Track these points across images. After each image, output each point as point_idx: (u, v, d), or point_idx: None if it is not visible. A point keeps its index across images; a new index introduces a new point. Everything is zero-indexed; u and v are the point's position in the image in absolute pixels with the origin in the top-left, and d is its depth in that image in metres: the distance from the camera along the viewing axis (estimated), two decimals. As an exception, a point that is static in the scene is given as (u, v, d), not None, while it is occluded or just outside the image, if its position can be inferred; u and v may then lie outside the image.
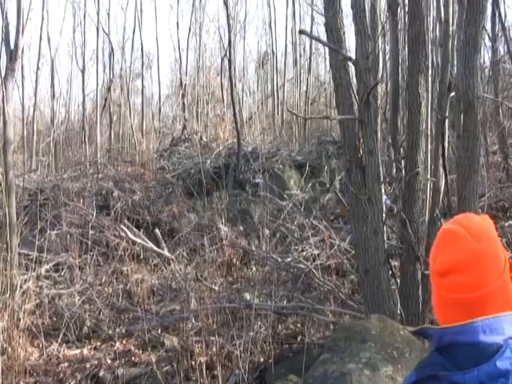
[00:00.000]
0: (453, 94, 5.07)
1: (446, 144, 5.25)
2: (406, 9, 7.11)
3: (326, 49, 5.73)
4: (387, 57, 12.10)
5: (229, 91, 17.99)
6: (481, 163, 13.93)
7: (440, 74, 5.23)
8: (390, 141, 6.75)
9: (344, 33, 4.99)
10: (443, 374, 1.64)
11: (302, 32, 5.42)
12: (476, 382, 1.58)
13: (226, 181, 13.97)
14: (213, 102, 22.02)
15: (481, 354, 1.61)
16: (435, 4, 7.37)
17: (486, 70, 17.25)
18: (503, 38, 15.13)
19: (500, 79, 16.28)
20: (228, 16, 17.46)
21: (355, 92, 4.74)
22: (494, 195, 12.13)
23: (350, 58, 4.67)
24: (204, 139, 18.35)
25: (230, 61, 16.97)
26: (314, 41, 19.31)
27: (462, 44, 4.36)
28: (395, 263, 5.95)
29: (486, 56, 18.03)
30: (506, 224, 10.19)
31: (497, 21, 15.13)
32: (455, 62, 5.31)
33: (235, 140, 15.69)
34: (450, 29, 5.49)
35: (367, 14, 5.25)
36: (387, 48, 12.02)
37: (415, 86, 4.83)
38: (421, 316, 4.77)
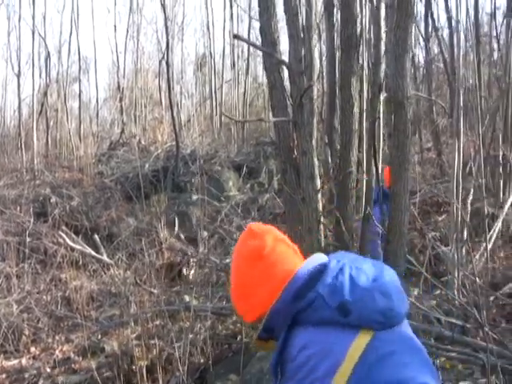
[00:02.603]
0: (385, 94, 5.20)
1: (381, 143, 5.36)
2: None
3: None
4: (324, 57, 12.28)
5: (167, 94, 17.92)
6: (414, 160, 14.26)
7: (372, 75, 5.32)
8: (327, 141, 6.84)
9: (278, 36, 5.06)
10: None
11: (236, 37, 5.46)
12: None
13: (164, 184, 13.92)
14: (151, 105, 21.93)
15: None
16: (369, 6, 7.50)
17: (421, 69, 17.65)
18: (436, 39, 15.50)
19: (433, 78, 16.65)
20: (165, 18, 17.42)
21: (289, 94, 4.81)
22: (429, 191, 12.41)
23: (283, 62, 4.74)
24: (142, 142, 18.28)
25: (167, 63, 16.92)
26: (250, 43, 19.40)
27: (392, 46, 4.46)
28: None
29: (420, 56, 18.46)
30: (440, 219, 10.42)
31: (430, 21, 15.50)
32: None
33: (174, 143, 15.65)
34: (382, 31, 5.60)
35: (303, 14, 5.33)
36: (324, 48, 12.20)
37: (348, 87, 4.93)
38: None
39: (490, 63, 15.12)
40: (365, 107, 5.94)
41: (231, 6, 22.48)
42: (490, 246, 8.70)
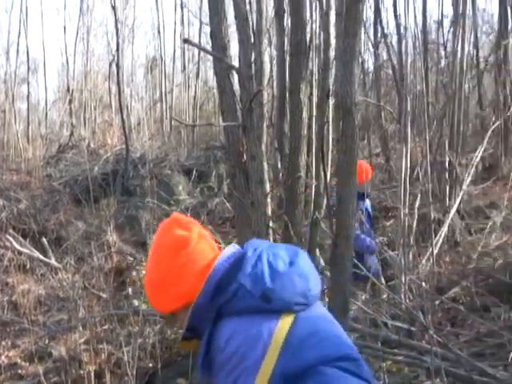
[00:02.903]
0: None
1: (330, 148, 5.41)
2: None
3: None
4: (274, 62, 12.34)
5: (117, 97, 17.78)
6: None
7: (321, 81, 5.39)
8: (276, 146, 6.88)
9: (228, 41, 5.09)
10: None
11: (186, 41, 5.47)
12: None
13: (114, 187, 13.80)
14: (101, 108, 21.74)
15: None
16: (319, 12, 7.56)
17: (370, 75, 17.86)
18: (385, 45, 15.71)
19: (382, 84, 16.87)
20: (116, 20, 17.30)
21: (239, 99, 4.84)
22: (377, 196, 12.57)
23: (233, 66, 4.77)
24: (92, 145, 18.10)
25: (117, 66, 16.81)
26: (201, 46, 19.38)
27: (340, 52, 4.52)
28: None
29: (370, 61, 18.69)
30: (387, 224, 10.57)
31: (379, 28, 15.71)
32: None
33: (123, 146, 15.53)
34: (331, 37, 5.67)
35: (254, 19, 5.37)
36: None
37: (297, 92, 4.99)
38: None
39: (437, 70, 15.39)
40: (315, 113, 5.99)
41: (182, 10, 22.45)
42: (435, 251, 8.84)
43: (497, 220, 10.18)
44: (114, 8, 17.01)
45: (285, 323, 2.06)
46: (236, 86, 5.05)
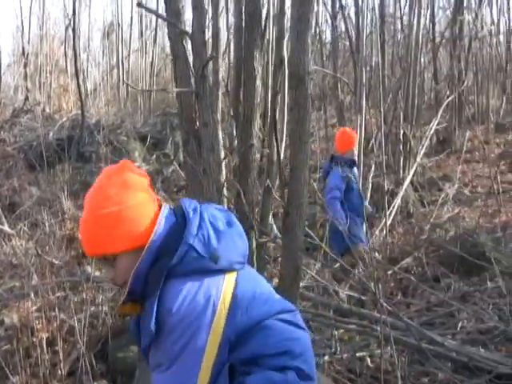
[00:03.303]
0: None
1: (285, 117, 5.40)
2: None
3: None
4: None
5: (73, 61, 17.51)
6: (319, 136, 14.46)
7: (275, 50, 5.37)
8: (232, 113, 6.85)
9: (183, 6, 5.01)
10: None
11: (139, 5, 5.38)
12: None
13: (69, 154, 13.64)
14: (56, 73, 21.34)
15: None
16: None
17: (328, 46, 17.89)
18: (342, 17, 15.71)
19: (340, 56, 16.92)
20: (72, -17, 16.97)
21: (192, 65, 4.80)
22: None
23: (186, 32, 4.73)
24: (47, 110, 17.84)
25: (74, 30, 16.56)
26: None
27: (294, 21, 4.50)
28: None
29: (328, 33, 18.70)
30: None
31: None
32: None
33: (79, 111, 15.33)
34: (286, 6, 5.65)
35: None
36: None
37: (251, 61, 4.96)
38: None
39: (393, 43, 15.48)
40: (270, 81, 5.99)
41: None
42: (389, 222, 8.98)
43: (449, 192, 10.36)
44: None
45: (229, 282, 2.15)
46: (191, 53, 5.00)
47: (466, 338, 5.70)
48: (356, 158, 7.95)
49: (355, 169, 7.76)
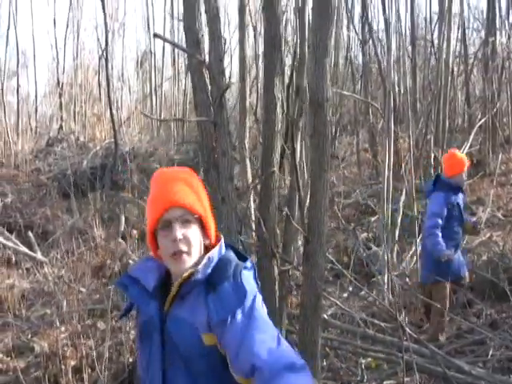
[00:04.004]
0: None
1: (299, 144, 5.39)
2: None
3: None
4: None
5: (106, 90, 17.73)
6: (352, 161, 14.37)
7: (295, 77, 5.38)
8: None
9: (202, 35, 5.04)
10: None
11: (156, 35, 5.41)
12: None
13: (102, 182, 13.77)
14: (91, 102, 21.63)
15: None
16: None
17: (359, 71, 17.86)
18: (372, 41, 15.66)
19: (371, 80, 16.85)
20: (105, 14, 17.23)
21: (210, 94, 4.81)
22: (364, 191, 12.59)
23: (202, 62, 4.74)
24: (81, 139, 18.06)
25: (106, 60, 16.75)
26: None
27: (312, 47, 4.51)
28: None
29: (359, 57, 18.68)
30: (372, 219, 10.57)
31: (366, 24, 15.67)
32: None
33: (113, 140, 15.49)
34: (306, 32, 5.67)
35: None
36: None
37: (271, 88, 4.96)
38: (278, 311, 4.93)
39: (425, 67, 15.40)
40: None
41: (172, 2, 22.35)
42: (420, 246, 8.87)
43: (482, 216, 10.21)
44: (102, 1, 16.96)
45: None
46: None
47: (497, 365, 5.60)
48: (464, 184, 7.35)
49: (461, 194, 7.05)
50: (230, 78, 4.96)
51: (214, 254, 2.31)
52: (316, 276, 4.34)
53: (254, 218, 5.47)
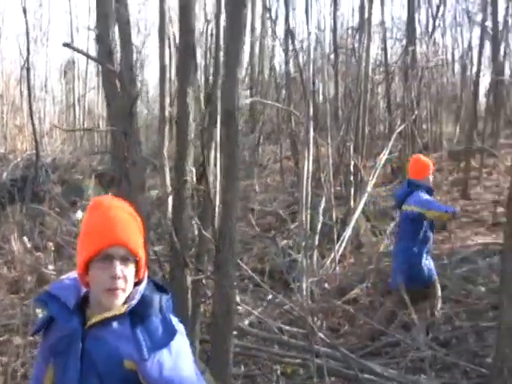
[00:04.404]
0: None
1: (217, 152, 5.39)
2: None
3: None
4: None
5: (28, 100, 17.41)
6: (275, 169, 14.44)
7: (209, 87, 5.40)
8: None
9: (116, 45, 5.00)
10: None
11: (66, 45, 5.33)
12: None
13: (23, 194, 13.47)
14: (12, 113, 21.18)
15: None
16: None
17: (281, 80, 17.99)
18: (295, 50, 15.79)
19: (296, 89, 16.97)
20: (27, 23, 16.93)
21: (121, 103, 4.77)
22: (286, 199, 12.69)
23: (113, 71, 4.70)
24: (1, 151, 17.68)
25: (28, 69, 16.49)
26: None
27: (225, 57, 4.53)
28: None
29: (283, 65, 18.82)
30: (292, 226, 10.62)
31: (289, 33, 15.82)
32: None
33: (34, 151, 15.20)
34: (221, 41, 5.69)
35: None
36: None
37: (184, 97, 4.95)
38: (191, 320, 4.91)
39: (346, 75, 15.60)
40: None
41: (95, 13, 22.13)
42: (339, 253, 9.00)
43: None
44: (24, 11, 16.69)
45: None
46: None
47: (410, 365, 5.71)
48: (430, 185, 7.19)
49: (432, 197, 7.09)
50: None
51: (141, 288, 2.34)
52: (227, 285, 4.35)
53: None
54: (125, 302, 2.30)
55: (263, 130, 17.25)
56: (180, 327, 2.34)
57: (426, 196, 6.75)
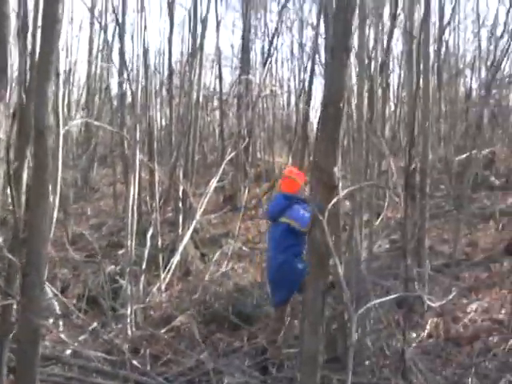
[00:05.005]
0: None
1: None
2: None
3: None
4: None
5: None
6: (105, 192, 14.08)
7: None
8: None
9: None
10: None
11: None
12: None
13: None
14: None
15: None
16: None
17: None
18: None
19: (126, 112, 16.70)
20: None
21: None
22: (117, 224, 12.46)
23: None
24: None
25: None
26: None
27: (36, 73, 4.34)
28: None
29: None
30: (120, 252, 10.44)
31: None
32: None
33: None
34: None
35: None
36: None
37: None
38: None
39: (179, 101, 15.58)
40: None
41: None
42: (166, 280, 8.91)
43: (225, 249, 10.50)
44: None
45: None
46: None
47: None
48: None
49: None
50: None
51: None
52: (34, 310, 4.13)
53: None
54: None
55: (97, 152, 16.91)
56: None
57: (305, 213, 6.71)
